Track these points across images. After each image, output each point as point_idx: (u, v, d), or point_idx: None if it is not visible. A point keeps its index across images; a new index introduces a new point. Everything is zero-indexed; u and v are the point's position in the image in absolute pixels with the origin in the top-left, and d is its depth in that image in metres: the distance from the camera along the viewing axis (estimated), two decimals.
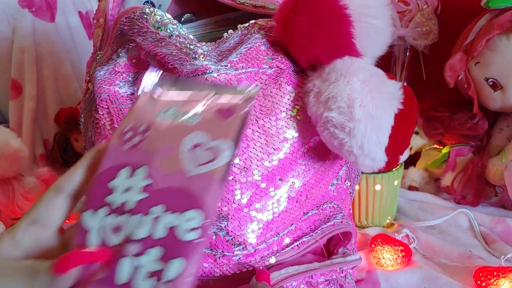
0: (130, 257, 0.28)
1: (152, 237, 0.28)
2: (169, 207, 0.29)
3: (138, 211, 0.29)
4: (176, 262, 0.27)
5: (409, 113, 0.44)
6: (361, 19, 0.42)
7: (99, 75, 0.48)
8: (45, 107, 1.06)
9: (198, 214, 0.28)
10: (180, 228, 0.28)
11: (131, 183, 0.30)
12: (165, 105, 0.33)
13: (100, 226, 0.29)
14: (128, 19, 0.47)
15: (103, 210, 0.30)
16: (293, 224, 0.48)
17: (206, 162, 0.30)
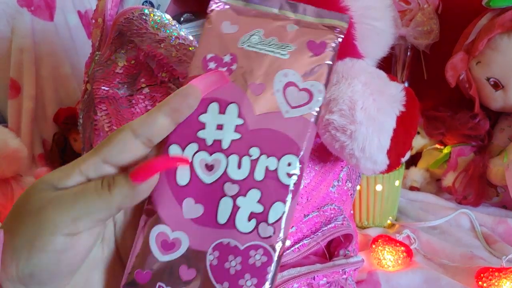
0: (230, 197, 0.27)
1: (250, 179, 0.27)
2: (265, 150, 0.28)
3: (232, 151, 0.28)
4: (277, 206, 0.27)
5: (411, 115, 0.44)
6: (362, 21, 0.42)
7: (98, 76, 0.48)
8: (44, 107, 1.06)
9: (295, 160, 0.28)
10: (280, 172, 0.27)
11: (224, 120, 0.28)
12: (246, 29, 0.30)
13: (190, 161, 0.28)
14: (127, 20, 0.47)
15: (192, 145, 0.28)
16: (293, 226, 0.47)
17: (301, 105, 0.28)
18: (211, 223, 0.27)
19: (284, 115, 0.28)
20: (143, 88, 0.47)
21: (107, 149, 0.27)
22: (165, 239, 0.27)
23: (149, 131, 0.27)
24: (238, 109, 0.28)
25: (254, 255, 0.27)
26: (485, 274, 0.56)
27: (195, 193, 0.28)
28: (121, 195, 0.26)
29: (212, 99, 0.29)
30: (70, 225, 0.25)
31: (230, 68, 0.29)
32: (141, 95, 0.47)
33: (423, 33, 0.86)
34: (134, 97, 0.48)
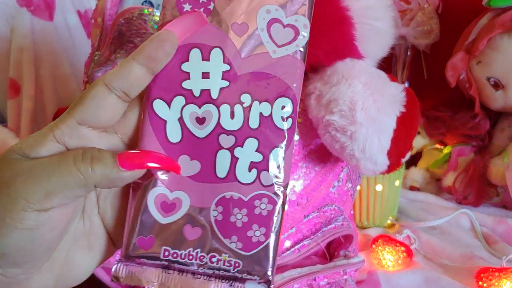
0: (227, 149, 0.26)
1: (245, 128, 0.26)
2: (256, 95, 0.26)
3: (223, 101, 0.26)
4: (276, 152, 0.26)
5: (412, 116, 0.44)
6: (363, 21, 0.42)
7: (97, 76, 0.48)
8: (44, 107, 1.05)
9: (288, 101, 0.27)
10: (274, 117, 0.26)
11: (209, 67, 0.26)
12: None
13: (179, 116, 0.26)
14: (127, 20, 0.47)
15: (178, 99, 0.26)
16: (293, 227, 0.47)
17: (288, 43, 0.27)
18: (210, 179, 0.26)
19: (271, 55, 0.27)
20: None
21: (80, 108, 0.25)
22: (165, 201, 0.26)
23: (125, 83, 0.25)
24: (222, 54, 0.26)
25: (260, 204, 0.26)
26: (485, 274, 0.56)
27: (189, 149, 0.26)
28: (102, 174, 0.24)
29: (192, 45, 0.26)
30: (42, 200, 0.23)
31: (207, 8, 0.27)
32: None
33: (423, 33, 0.86)
34: None
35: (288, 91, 0.27)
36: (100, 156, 0.24)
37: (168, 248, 0.26)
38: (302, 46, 0.27)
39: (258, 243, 0.26)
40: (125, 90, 0.25)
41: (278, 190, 0.27)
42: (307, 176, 0.47)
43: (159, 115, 0.26)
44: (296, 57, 0.27)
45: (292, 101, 0.27)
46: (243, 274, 0.26)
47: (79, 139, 0.25)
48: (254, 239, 0.26)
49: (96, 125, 0.25)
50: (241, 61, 0.27)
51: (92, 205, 0.27)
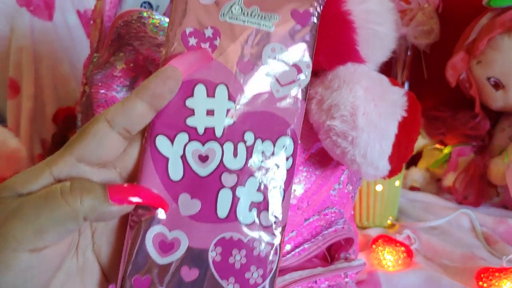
0: (229, 188, 0.26)
1: (247, 167, 0.26)
2: (259, 134, 0.26)
3: (227, 139, 0.26)
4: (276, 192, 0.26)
5: (413, 120, 0.44)
6: (364, 25, 0.41)
7: (96, 79, 0.48)
8: (43, 107, 1.05)
9: (290, 141, 0.27)
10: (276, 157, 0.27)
11: (214, 104, 0.26)
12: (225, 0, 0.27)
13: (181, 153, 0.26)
14: (126, 23, 0.47)
15: (182, 136, 0.26)
16: (294, 230, 0.47)
17: (291, 82, 0.27)
18: (211, 219, 0.26)
19: (275, 95, 0.27)
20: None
21: (81, 145, 0.24)
22: (163, 240, 0.26)
23: (127, 121, 0.24)
24: (227, 91, 0.26)
25: (258, 246, 0.26)
26: (486, 274, 0.56)
27: (190, 187, 0.26)
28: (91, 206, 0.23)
29: (197, 81, 0.26)
30: (34, 240, 0.22)
31: (213, 44, 0.27)
32: None
33: (424, 32, 0.86)
34: None
35: (290, 131, 0.27)
36: (90, 187, 0.23)
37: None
38: (304, 86, 0.27)
39: (255, 285, 0.26)
40: (128, 127, 0.25)
41: (276, 230, 0.27)
42: (308, 180, 0.47)
43: (161, 152, 0.26)
44: (298, 97, 0.27)
45: (293, 140, 0.27)
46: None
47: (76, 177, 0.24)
48: (252, 281, 0.26)
49: (96, 163, 0.25)
50: (245, 98, 0.27)
51: (86, 241, 0.26)
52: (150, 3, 0.57)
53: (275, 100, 0.27)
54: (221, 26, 0.27)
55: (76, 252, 0.26)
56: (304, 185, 0.47)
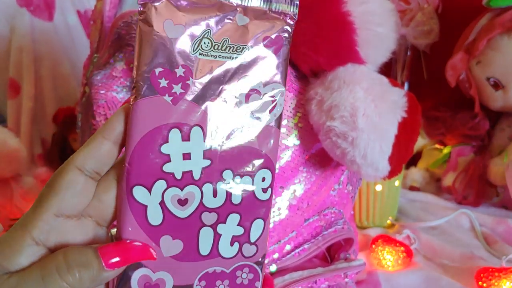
0: (209, 226, 0.26)
1: (228, 204, 0.26)
2: (237, 170, 0.26)
3: (205, 180, 0.26)
4: (257, 223, 0.27)
5: (413, 121, 0.44)
6: (364, 26, 0.41)
7: (96, 79, 0.48)
8: (44, 107, 1.05)
9: (268, 173, 0.27)
10: (256, 190, 0.27)
11: (190, 147, 0.25)
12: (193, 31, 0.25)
13: (160, 200, 0.25)
14: (126, 24, 0.47)
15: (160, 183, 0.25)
16: (294, 230, 0.47)
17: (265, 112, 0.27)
18: (193, 257, 0.26)
19: (250, 128, 0.26)
20: None
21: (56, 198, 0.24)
22: (148, 282, 0.26)
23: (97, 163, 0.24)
24: (202, 132, 0.25)
25: (241, 274, 0.27)
26: (485, 274, 0.56)
27: (171, 229, 0.26)
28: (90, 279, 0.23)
29: (171, 126, 0.25)
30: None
31: (185, 83, 0.25)
32: None
33: (423, 33, 0.86)
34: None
35: (268, 162, 0.27)
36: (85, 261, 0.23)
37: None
38: (279, 114, 0.27)
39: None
40: (97, 169, 0.25)
41: (259, 258, 0.27)
42: (308, 181, 0.47)
43: (139, 201, 0.25)
44: (273, 126, 0.27)
45: (271, 171, 0.27)
46: None
47: (57, 234, 0.24)
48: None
49: (73, 214, 0.25)
50: (221, 137, 0.26)
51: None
52: None
53: (251, 133, 0.26)
54: (192, 63, 0.25)
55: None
56: (304, 185, 0.47)
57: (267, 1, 0.27)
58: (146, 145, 0.25)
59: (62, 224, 0.24)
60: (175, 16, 0.25)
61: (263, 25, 0.27)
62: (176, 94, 0.25)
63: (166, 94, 0.25)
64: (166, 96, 0.25)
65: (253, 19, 0.27)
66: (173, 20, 0.25)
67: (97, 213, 0.26)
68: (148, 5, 0.25)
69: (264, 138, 0.27)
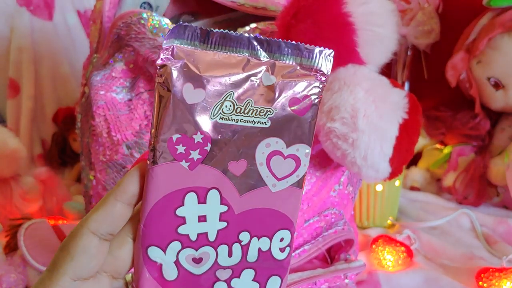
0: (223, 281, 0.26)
1: (243, 262, 0.26)
2: (255, 232, 0.26)
3: (221, 242, 0.25)
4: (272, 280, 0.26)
5: (414, 122, 0.43)
6: (365, 27, 0.41)
7: (96, 80, 0.48)
8: (43, 107, 1.05)
9: (288, 234, 0.26)
10: (273, 250, 0.26)
11: (206, 210, 0.25)
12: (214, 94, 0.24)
13: (175, 259, 0.25)
14: (125, 24, 0.47)
15: (174, 245, 0.25)
16: None
17: (288, 175, 0.26)
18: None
19: (271, 190, 0.26)
20: (142, 93, 0.46)
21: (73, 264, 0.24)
22: None
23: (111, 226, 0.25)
24: (219, 195, 0.25)
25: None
26: (486, 274, 0.56)
27: (186, 284, 0.26)
28: None
29: (188, 190, 0.25)
30: None
31: (203, 149, 0.24)
32: (140, 100, 0.46)
33: (424, 32, 0.86)
34: (133, 102, 0.47)
35: (287, 223, 0.26)
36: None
37: None
38: (302, 175, 0.26)
39: None
40: (111, 231, 0.25)
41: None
42: (308, 182, 0.47)
43: (154, 260, 0.25)
44: (295, 187, 0.26)
45: (290, 231, 0.26)
46: None
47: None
48: None
49: (90, 275, 0.25)
50: (239, 199, 0.25)
51: None
52: (150, 4, 0.57)
53: (271, 196, 0.26)
54: (212, 129, 0.24)
55: None
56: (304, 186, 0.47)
57: (298, 56, 0.26)
58: (161, 208, 0.25)
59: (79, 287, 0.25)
60: (195, 80, 0.24)
61: (291, 85, 0.25)
62: (194, 160, 0.24)
63: (183, 160, 0.24)
64: (183, 162, 0.24)
65: (281, 78, 0.25)
66: (193, 84, 0.24)
67: (112, 269, 0.26)
68: (167, 68, 0.24)
69: (284, 199, 0.26)
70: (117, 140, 0.47)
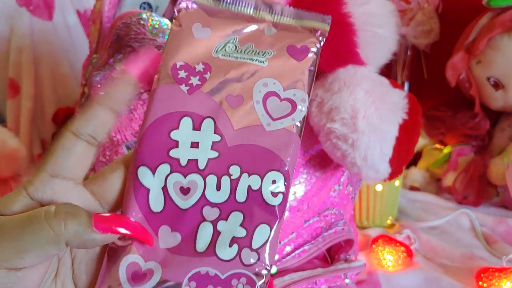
0: (210, 222, 0.25)
1: (231, 200, 0.25)
2: (246, 168, 0.25)
3: (210, 171, 0.25)
4: (261, 229, 0.25)
5: (414, 122, 0.44)
6: (365, 28, 0.41)
7: (95, 80, 0.48)
8: (43, 107, 1.05)
9: (280, 176, 0.25)
10: (264, 191, 0.25)
11: (199, 137, 0.25)
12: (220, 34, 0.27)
13: (163, 185, 0.25)
14: (125, 25, 0.47)
15: (163, 167, 0.25)
16: (294, 232, 0.47)
17: (283, 116, 0.26)
18: (188, 252, 0.25)
19: (266, 128, 0.26)
20: (142, 94, 0.46)
21: (51, 159, 0.24)
22: (137, 271, 0.25)
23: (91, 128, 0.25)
24: (214, 124, 0.26)
25: (236, 284, 0.25)
26: (485, 274, 0.56)
27: (171, 220, 0.25)
28: (75, 232, 0.22)
29: (184, 114, 0.26)
30: (12, 259, 0.22)
31: (203, 77, 0.26)
32: (140, 101, 0.46)
33: (423, 32, 0.86)
34: (133, 103, 0.47)
35: (281, 166, 0.25)
36: (75, 212, 0.23)
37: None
38: (298, 120, 0.26)
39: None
40: (92, 133, 0.25)
41: (260, 270, 0.25)
42: (308, 182, 0.47)
43: (142, 183, 0.25)
44: (292, 131, 0.26)
45: (284, 176, 0.25)
46: None
47: (53, 193, 0.24)
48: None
49: (69, 175, 0.25)
50: (233, 132, 0.26)
51: (66, 269, 0.26)
52: (150, 4, 0.57)
53: (265, 134, 0.26)
54: (213, 62, 0.27)
55: (55, 280, 0.26)
56: (304, 187, 0.47)
57: (299, 18, 0.28)
58: (156, 128, 0.25)
59: (58, 185, 0.25)
60: (204, 21, 0.27)
61: (291, 36, 0.27)
62: (193, 85, 0.26)
63: (183, 84, 0.26)
64: (182, 86, 0.26)
65: (282, 31, 0.27)
66: (202, 23, 0.27)
67: (100, 191, 0.26)
68: (182, 10, 0.28)
69: (279, 140, 0.26)
70: (116, 140, 0.47)
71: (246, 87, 0.26)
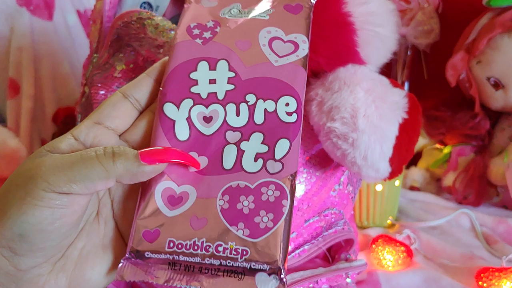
0: (233, 144, 0.28)
1: (251, 124, 0.28)
2: (261, 95, 0.29)
3: (229, 100, 0.29)
4: (282, 142, 0.28)
5: (414, 122, 0.44)
6: (365, 27, 0.41)
7: (96, 80, 0.48)
8: (43, 107, 1.05)
9: (292, 100, 0.29)
10: (279, 112, 0.28)
11: (215, 75, 0.29)
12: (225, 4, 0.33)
13: (187, 116, 0.29)
14: (125, 24, 0.47)
15: (187, 101, 0.29)
16: (294, 232, 0.47)
17: (288, 54, 0.30)
18: (217, 171, 0.28)
19: (274, 64, 0.30)
20: None
21: (98, 111, 0.28)
22: (172, 195, 0.27)
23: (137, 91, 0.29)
24: (228, 64, 0.30)
25: (266, 191, 0.27)
26: (485, 274, 0.56)
27: (197, 146, 0.28)
28: (124, 167, 0.25)
29: (200, 59, 0.30)
30: (63, 185, 0.24)
31: (214, 31, 0.31)
32: None
33: (424, 32, 0.86)
34: None
35: (292, 91, 0.29)
36: (122, 151, 0.26)
37: (173, 239, 0.26)
38: (302, 56, 0.30)
39: (266, 229, 0.26)
40: (137, 97, 0.29)
41: (285, 177, 0.27)
42: (308, 182, 0.47)
43: (168, 116, 0.28)
44: (298, 65, 0.29)
45: (296, 99, 0.29)
46: (251, 263, 0.26)
47: (94, 137, 0.28)
48: (262, 225, 0.26)
49: (110, 125, 0.28)
50: (245, 69, 0.29)
51: (107, 210, 0.29)
52: (150, 3, 0.57)
53: (274, 68, 0.29)
54: (221, 20, 0.31)
55: (97, 218, 0.28)
56: (304, 186, 0.47)
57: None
58: (177, 72, 0.29)
59: (101, 131, 0.28)
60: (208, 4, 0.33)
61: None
62: (206, 38, 0.30)
63: (197, 38, 0.30)
64: (197, 39, 0.30)
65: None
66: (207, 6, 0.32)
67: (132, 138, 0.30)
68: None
69: (287, 72, 0.29)
70: None
71: (252, 34, 0.31)
